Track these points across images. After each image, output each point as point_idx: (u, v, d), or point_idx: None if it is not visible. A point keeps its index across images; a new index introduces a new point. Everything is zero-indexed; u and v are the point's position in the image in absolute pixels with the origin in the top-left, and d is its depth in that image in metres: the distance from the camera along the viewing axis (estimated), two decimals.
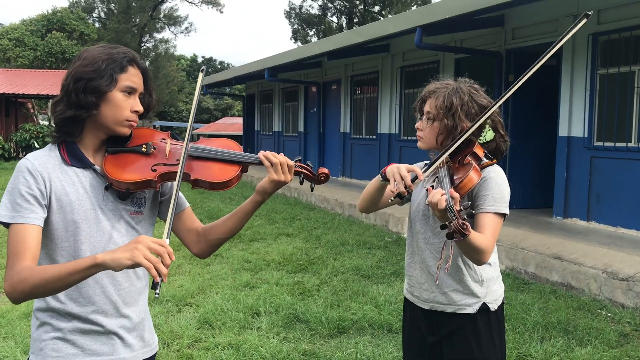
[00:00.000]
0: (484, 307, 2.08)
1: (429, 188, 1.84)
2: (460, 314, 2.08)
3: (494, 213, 1.98)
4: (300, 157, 1.78)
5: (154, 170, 1.67)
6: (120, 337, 1.68)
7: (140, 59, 1.71)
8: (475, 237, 1.82)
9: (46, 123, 26.32)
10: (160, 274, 1.38)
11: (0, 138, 20.62)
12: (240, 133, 24.79)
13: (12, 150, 21.33)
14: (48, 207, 1.59)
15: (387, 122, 11.92)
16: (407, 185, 1.85)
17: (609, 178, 7.14)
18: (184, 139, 1.73)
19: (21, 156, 21.27)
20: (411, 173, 1.89)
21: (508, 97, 2.01)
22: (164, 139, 1.76)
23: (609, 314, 4.80)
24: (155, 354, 1.83)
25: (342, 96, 13.85)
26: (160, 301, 4.95)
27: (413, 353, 2.23)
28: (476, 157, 1.99)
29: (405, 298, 2.27)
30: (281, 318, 4.60)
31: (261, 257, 6.67)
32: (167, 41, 46.45)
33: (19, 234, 1.53)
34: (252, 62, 15.38)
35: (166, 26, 45.47)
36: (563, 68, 7.64)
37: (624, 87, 6.96)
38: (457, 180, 1.88)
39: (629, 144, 6.92)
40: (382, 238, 7.84)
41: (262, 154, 1.73)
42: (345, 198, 10.31)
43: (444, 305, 2.10)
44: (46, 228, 1.60)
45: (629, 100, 6.92)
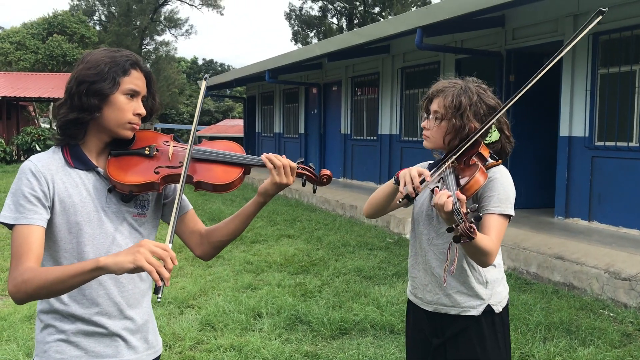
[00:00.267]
0: (489, 309, 2.06)
1: (435, 189, 1.81)
2: (464, 316, 2.06)
3: (499, 214, 1.95)
4: (302, 159, 1.79)
5: (157, 172, 1.67)
6: (124, 339, 1.68)
7: (143, 62, 1.72)
8: (481, 239, 1.80)
9: (47, 126, 26.38)
10: (162, 278, 1.38)
11: (1, 141, 20.64)
12: (241, 135, 24.80)
13: (14, 153, 21.35)
14: (51, 209, 1.59)
15: (388, 123, 11.92)
16: (415, 186, 1.84)
17: (610, 178, 7.13)
18: (186, 142, 1.74)
19: (23, 159, 21.29)
20: (421, 175, 1.87)
21: (517, 99, 1.98)
22: (167, 142, 1.77)
23: (612, 314, 4.79)
24: (159, 356, 1.82)
25: (343, 97, 13.85)
26: (162, 303, 4.95)
27: (416, 355, 2.20)
28: (482, 158, 1.97)
29: (408, 299, 2.25)
30: (283, 319, 4.60)
31: (263, 259, 6.67)
32: (168, 44, 46.48)
33: (23, 235, 1.54)
34: (253, 64, 15.39)
35: (167, 29, 45.52)
36: (564, 68, 7.63)
37: (625, 87, 6.96)
38: (464, 181, 1.86)
39: (630, 144, 6.91)
40: (384, 239, 7.84)
41: (265, 156, 1.73)
42: (346, 199, 10.31)
43: (448, 307, 2.07)
44: (49, 230, 1.61)
45: (630, 99, 6.91)
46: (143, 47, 43.27)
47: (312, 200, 11.36)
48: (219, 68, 63.21)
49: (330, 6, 41.92)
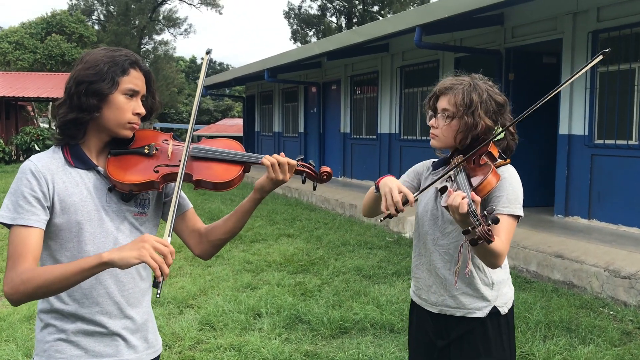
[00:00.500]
0: (494, 311, 2.02)
1: (450, 191, 1.75)
2: (469, 318, 2.02)
3: (509, 215, 1.92)
4: (302, 156, 1.79)
5: (157, 171, 1.68)
6: (124, 339, 1.69)
7: (142, 62, 1.72)
8: (493, 243, 1.77)
9: (46, 126, 26.34)
10: (162, 274, 1.41)
11: (0, 141, 20.62)
12: (240, 134, 24.79)
13: (13, 153, 21.33)
14: (51, 209, 1.60)
15: (387, 122, 11.91)
16: (399, 209, 1.82)
17: (610, 176, 7.13)
18: (186, 140, 1.73)
19: (22, 159, 21.29)
20: (402, 195, 1.84)
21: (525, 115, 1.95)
22: (167, 141, 1.77)
23: (612, 312, 4.79)
24: (159, 356, 1.83)
25: (342, 96, 13.84)
26: (161, 303, 4.94)
27: (419, 356, 2.17)
28: (491, 157, 1.93)
29: (412, 300, 2.21)
30: (283, 319, 4.59)
31: (262, 258, 6.67)
32: (167, 43, 46.51)
33: (20, 236, 1.54)
34: (252, 63, 15.37)
35: (165, 28, 45.49)
36: (563, 66, 7.63)
37: (624, 85, 6.95)
38: (476, 182, 1.82)
39: (630, 142, 6.91)
40: (383, 238, 7.84)
41: (266, 158, 1.73)
42: (345, 198, 10.31)
43: (453, 309, 2.04)
44: (50, 229, 1.61)
45: (629, 97, 6.91)
46: (142, 47, 43.25)
47: (312, 199, 11.35)
48: (218, 67, 63.17)
49: (329, 5, 41.90)
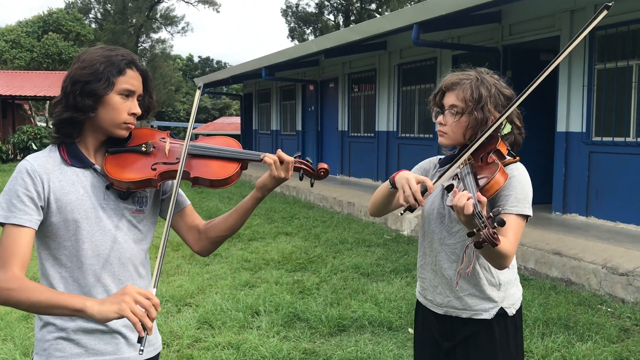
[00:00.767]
0: (501, 312, 1.98)
1: (455, 190, 1.70)
2: (475, 320, 1.97)
3: (517, 215, 1.86)
4: (299, 153, 1.79)
5: (154, 169, 1.68)
6: (124, 336, 1.69)
7: (139, 61, 1.72)
8: (501, 243, 1.69)
9: (44, 124, 26.28)
10: (145, 328, 1.39)
11: None
12: (238, 132, 24.77)
13: (10, 152, 21.28)
14: (47, 208, 1.60)
15: (385, 120, 11.91)
16: (418, 199, 1.75)
17: (608, 173, 7.13)
18: (183, 138, 1.75)
19: (19, 158, 21.25)
20: (421, 185, 1.77)
21: (529, 91, 1.90)
22: (164, 138, 1.78)
23: (609, 309, 4.79)
24: (158, 354, 1.83)
25: (340, 94, 13.83)
26: (159, 301, 4.93)
27: (425, 358, 2.13)
28: (500, 155, 1.88)
29: (417, 301, 2.16)
30: (281, 317, 4.59)
31: (260, 256, 6.66)
32: (164, 41, 46.45)
33: (12, 236, 1.54)
34: (249, 61, 15.35)
35: (163, 26, 45.44)
36: (560, 63, 7.60)
37: (622, 82, 6.95)
38: (483, 181, 1.76)
39: (627, 139, 6.92)
40: (381, 236, 7.84)
41: (267, 156, 1.74)
42: (344, 196, 10.30)
43: (459, 310, 1.99)
44: (47, 228, 1.61)
45: (627, 95, 6.92)
46: (139, 45, 43.18)
47: (310, 197, 11.35)
48: (215, 65, 63.10)
49: (326, 3, 41.87)
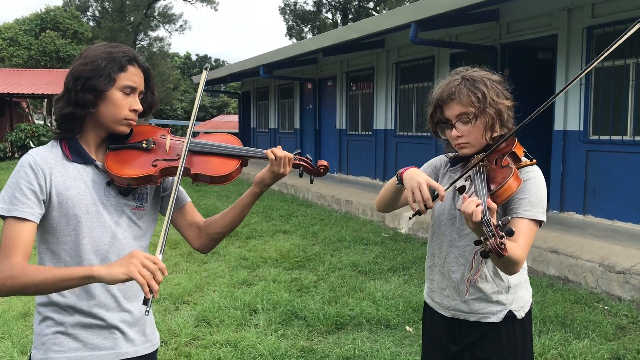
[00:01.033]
0: (510, 315, 1.93)
1: (464, 196, 1.65)
2: (483, 323, 1.93)
3: (530, 219, 1.80)
4: (299, 151, 1.81)
5: (155, 165, 1.70)
6: (121, 332, 1.70)
7: (141, 58, 1.73)
8: (510, 250, 1.62)
9: (41, 122, 26.22)
10: (151, 290, 1.42)
11: None
12: (236, 130, 24.74)
13: (8, 149, 21.25)
14: (48, 203, 1.61)
15: (383, 118, 11.91)
16: (428, 205, 1.71)
17: (605, 171, 7.15)
18: (181, 136, 1.77)
19: (17, 156, 21.23)
20: (431, 189, 1.73)
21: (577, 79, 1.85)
22: (165, 135, 1.79)
23: (606, 307, 4.81)
24: (156, 350, 1.84)
25: (338, 92, 13.83)
26: (157, 299, 4.94)
27: (431, 358, 2.11)
28: (515, 158, 1.83)
29: (425, 302, 2.14)
30: (279, 315, 4.60)
31: (258, 254, 6.67)
32: (162, 39, 46.33)
33: (14, 229, 1.56)
34: (247, 59, 15.34)
35: (161, 24, 45.34)
36: (558, 62, 7.64)
37: (619, 81, 6.97)
38: (495, 186, 1.71)
39: (625, 137, 6.93)
40: (379, 234, 7.84)
41: (268, 151, 1.76)
42: (342, 194, 10.31)
43: (467, 313, 1.95)
44: (48, 223, 1.63)
45: (624, 93, 6.93)
46: (137, 43, 43.09)
47: (308, 195, 11.35)
48: (214, 63, 62.99)
49: (324, 1, 41.83)
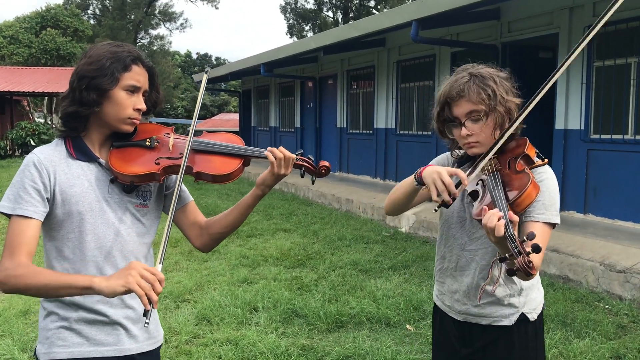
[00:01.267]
0: (522, 318, 1.90)
1: (485, 208, 1.58)
2: (495, 327, 1.90)
3: (544, 223, 1.75)
4: (301, 151, 1.82)
5: (158, 163, 1.72)
6: (125, 328, 1.71)
7: (145, 58, 1.75)
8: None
9: (42, 121, 26.22)
10: (151, 302, 1.43)
11: None
12: (236, 129, 24.75)
13: (8, 148, 21.25)
14: (52, 200, 1.63)
15: (384, 117, 11.90)
16: (452, 193, 1.65)
17: (606, 170, 7.14)
18: (184, 134, 1.79)
19: (17, 154, 21.24)
20: (454, 177, 1.67)
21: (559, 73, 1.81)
22: (168, 134, 1.81)
23: (607, 306, 4.81)
24: (159, 347, 1.85)
25: (339, 91, 13.82)
26: (158, 297, 4.94)
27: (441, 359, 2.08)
28: (528, 160, 1.77)
29: (435, 304, 2.10)
30: (279, 313, 4.60)
31: (259, 253, 6.67)
32: (163, 37, 46.34)
33: (19, 227, 1.57)
34: (248, 58, 15.33)
35: (161, 22, 45.33)
36: (559, 61, 7.63)
37: (620, 80, 6.96)
38: (513, 195, 1.64)
39: (626, 136, 6.92)
40: (380, 232, 7.84)
41: (268, 149, 1.76)
42: (342, 193, 10.31)
43: (479, 317, 1.92)
44: (52, 220, 1.64)
45: (625, 92, 6.92)
46: (137, 41, 43.10)
47: (308, 194, 11.35)
48: (214, 62, 62.97)
49: None
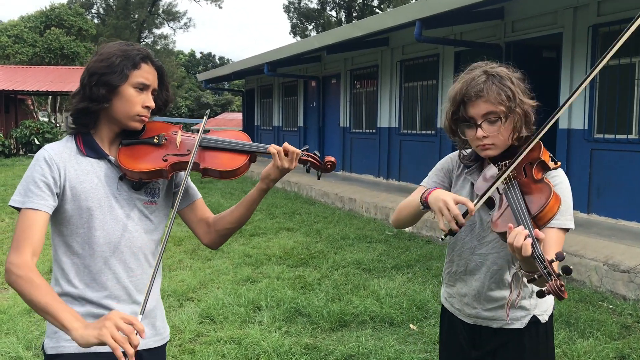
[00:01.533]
0: (534, 320, 1.88)
1: (510, 226, 1.53)
2: (507, 329, 1.88)
3: (559, 228, 1.72)
4: (307, 147, 1.83)
5: (165, 160, 1.74)
6: None
7: (155, 57, 1.79)
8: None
9: (46, 119, 26.29)
10: (126, 355, 1.35)
11: (0, 135, 20.60)
12: (240, 128, 24.77)
13: (12, 146, 21.32)
14: (62, 196, 1.65)
15: (387, 116, 11.90)
16: (460, 223, 1.61)
17: (610, 170, 7.13)
18: (193, 132, 1.81)
19: (21, 153, 21.31)
20: (460, 206, 1.63)
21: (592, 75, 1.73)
22: (176, 132, 1.84)
23: (611, 306, 4.80)
24: (165, 344, 1.87)
25: (342, 90, 13.82)
26: (161, 296, 4.95)
27: None
28: (544, 167, 1.74)
29: (443, 306, 2.08)
30: (282, 312, 4.60)
31: (262, 252, 6.68)
32: (166, 37, 46.42)
33: (28, 220, 1.59)
34: (251, 57, 15.34)
35: (165, 22, 45.41)
36: (563, 60, 7.62)
37: (625, 79, 6.94)
38: (535, 208, 1.58)
39: (630, 136, 6.91)
40: (383, 232, 7.84)
41: (272, 146, 1.77)
42: (345, 192, 10.31)
43: (490, 320, 1.89)
44: (61, 216, 1.66)
45: (630, 92, 6.90)
46: (141, 41, 43.17)
47: (311, 193, 11.36)
48: (218, 61, 63.05)
49: None
